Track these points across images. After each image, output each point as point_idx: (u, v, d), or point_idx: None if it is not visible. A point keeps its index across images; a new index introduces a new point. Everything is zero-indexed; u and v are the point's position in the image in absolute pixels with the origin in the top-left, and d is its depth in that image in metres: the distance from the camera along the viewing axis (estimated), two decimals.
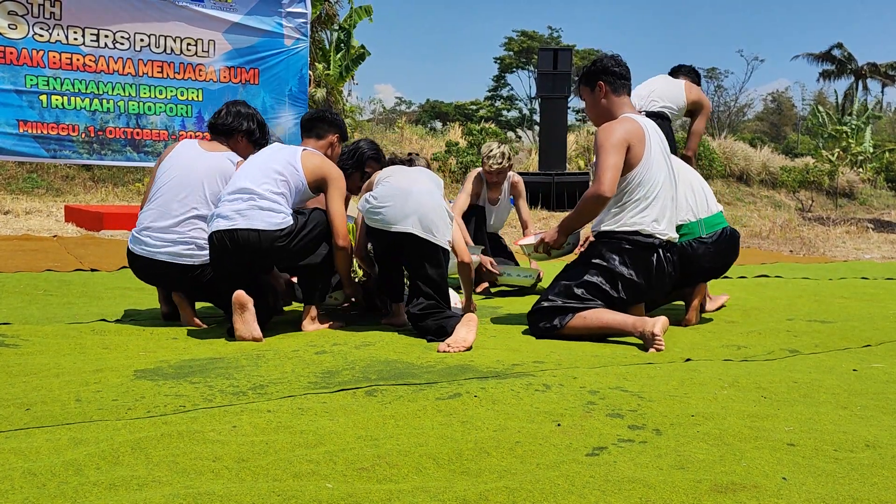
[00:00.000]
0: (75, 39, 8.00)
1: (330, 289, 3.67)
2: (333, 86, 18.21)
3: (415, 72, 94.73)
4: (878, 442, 1.93)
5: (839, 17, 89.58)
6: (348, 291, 3.75)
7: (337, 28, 18.87)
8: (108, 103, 8.28)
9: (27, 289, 4.45)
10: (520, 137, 34.86)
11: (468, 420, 2.07)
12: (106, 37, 8.15)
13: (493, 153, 5.01)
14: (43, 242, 7.13)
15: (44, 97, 7.96)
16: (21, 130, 7.90)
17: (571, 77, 14.30)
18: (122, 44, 8.24)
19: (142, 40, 8.32)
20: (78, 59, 8.06)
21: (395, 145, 18.68)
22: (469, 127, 20.88)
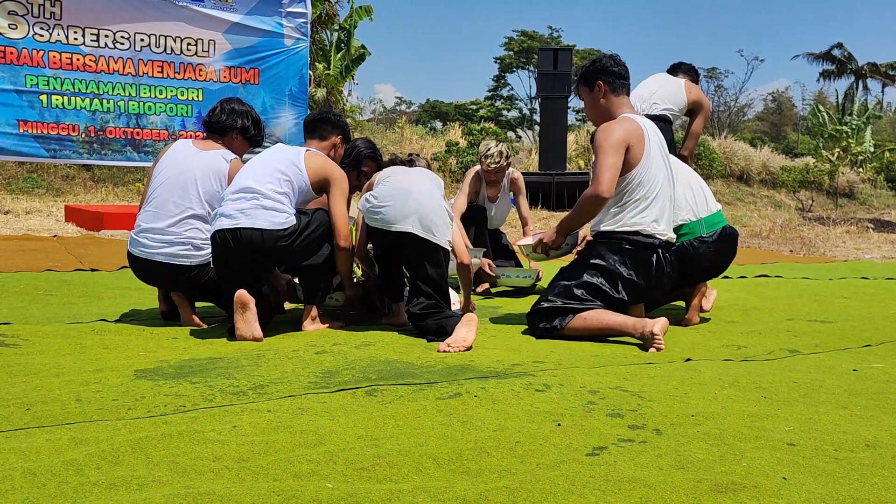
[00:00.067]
0: (75, 39, 8.00)
1: (331, 289, 3.67)
2: (333, 86, 18.22)
3: (415, 72, 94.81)
4: (879, 442, 1.93)
5: (839, 17, 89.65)
6: (349, 293, 3.75)
7: (337, 28, 18.88)
8: (108, 103, 8.28)
9: (27, 289, 4.45)
10: (520, 137, 34.87)
11: (468, 420, 2.07)
12: (106, 37, 8.15)
13: (490, 152, 5.00)
14: (43, 242, 7.13)
15: (44, 97, 7.96)
16: (21, 130, 7.90)
17: (571, 77, 14.30)
18: (123, 44, 8.24)
19: (142, 40, 8.32)
20: (78, 59, 8.06)
21: (396, 145, 18.67)
22: (469, 127, 20.91)
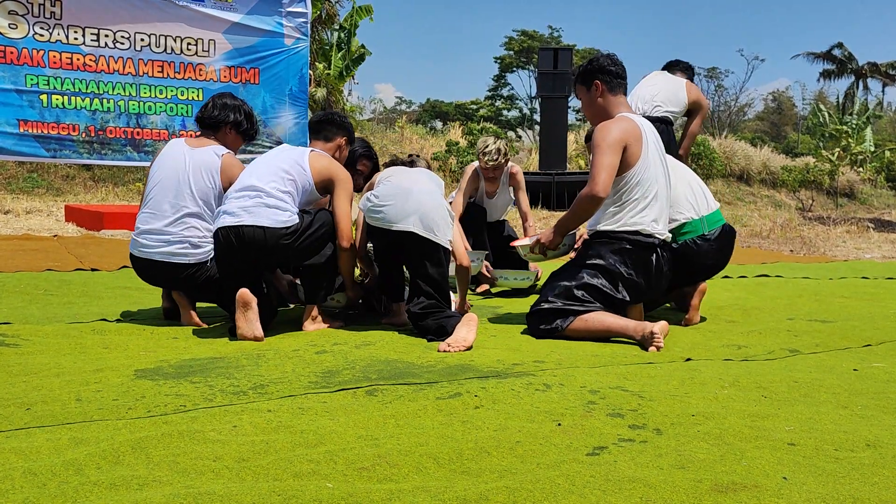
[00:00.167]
0: (75, 39, 8.00)
1: (333, 290, 3.67)
2: (334, 85, 18.22)
3: (415, 71, 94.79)
4: (879, 441, 1.93)
5: (839, 16, 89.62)
6: (351, 294, 3.75)
7: (337, 28, 18.88)
8: (108, 103, 8.27)
9: (27, 288, 4.45)
10: (520, 137, 34.88)
11: (468, 420, 2.07)
12: (106, 36, 8.15)
13: (488, 149, 4.97)
14: (43, 242, 7.13)
15: (44, 97, 7.95)
16: (21, 130, 7.89)
17: (571, 77, 14.30)
18: (123, 43, 8.23)
19: (142, 40, 8.31)
20: (78, 59, 8.05)
21: (396, 145, 18.67)
22: (469, 126, 20.91)
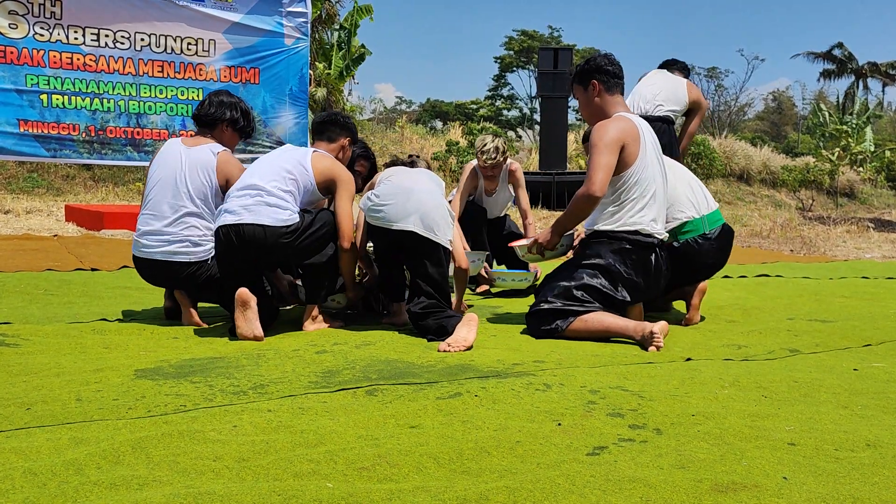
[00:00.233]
0: (76, 39, 8.00)
1: (334, 290, 3.67)
2: (334, 85, 18.23)
3: (415, 71, 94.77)
4: (879, 441, 1.93)
5: (839, 16, 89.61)
6: (351, 294, 3.75)
7: (337, 28, 18.88)
8: (108, 103, 8.27)
9: (28, 288, 4.45)
10: (520, 137, 34.87)
11: (469, 419, 2.07)
12: (106, 36, 8.15)
13: (486, 147, 4.95)
14: (43, 242, 7.13)
15: (44, 97, 7.95)
16: (21, 130, 7.89)
17: (569, 76, 14.31)
18: (123, 43, 8.23)
19: (142, 40, 8.31)
20: (78, 59, 8.05)
21: (396, 145, 18.67)
22: (469, 126, 20.91)
